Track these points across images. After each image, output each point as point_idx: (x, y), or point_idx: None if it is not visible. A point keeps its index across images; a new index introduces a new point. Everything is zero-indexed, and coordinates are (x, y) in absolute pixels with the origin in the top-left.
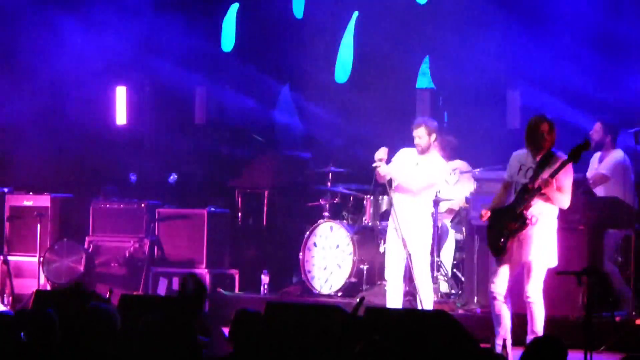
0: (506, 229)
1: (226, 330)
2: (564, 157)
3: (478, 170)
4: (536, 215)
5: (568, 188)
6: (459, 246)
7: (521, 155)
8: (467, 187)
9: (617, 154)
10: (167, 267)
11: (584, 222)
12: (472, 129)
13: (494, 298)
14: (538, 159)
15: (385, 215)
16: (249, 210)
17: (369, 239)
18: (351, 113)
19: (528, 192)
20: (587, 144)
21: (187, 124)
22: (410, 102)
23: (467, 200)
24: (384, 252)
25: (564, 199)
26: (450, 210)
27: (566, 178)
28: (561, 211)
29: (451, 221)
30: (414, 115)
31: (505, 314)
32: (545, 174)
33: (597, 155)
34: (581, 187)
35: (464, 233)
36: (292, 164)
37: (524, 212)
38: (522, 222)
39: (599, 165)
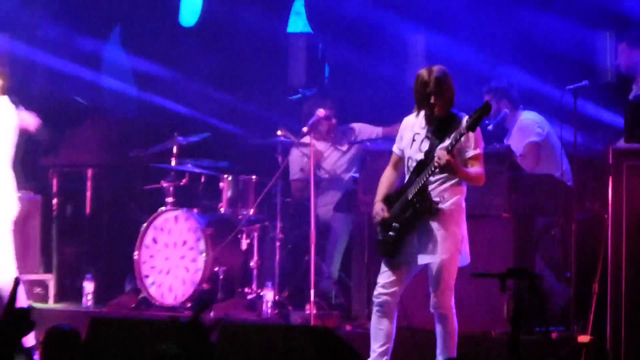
0: (397, 221)
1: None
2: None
3: (368, 142)
4: (436, 200)
5: (478, 160)
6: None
7: (414, 122)
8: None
9: (525, 117)
10: None
11: (508, 207)
12: (363, 86)
13: (379, 305)
14: (434, 125)
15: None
16: (67, 196)
17: (226, 233)
18: (202, 69)
19: (424, 170)
20: (486, 107)
21: None
22: (280, 51)
23: (354, 180)
24: (245, 250)
25: (474, 175)
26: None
27: (473, 147)
28: (475, 193)
29: (335, 207)
30: (285, 70)
31: (389, 328)
32: (445, 144)
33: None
34: (505, 161)
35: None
36: (124, 135)
37: (420, 197)
38: (418, 210)
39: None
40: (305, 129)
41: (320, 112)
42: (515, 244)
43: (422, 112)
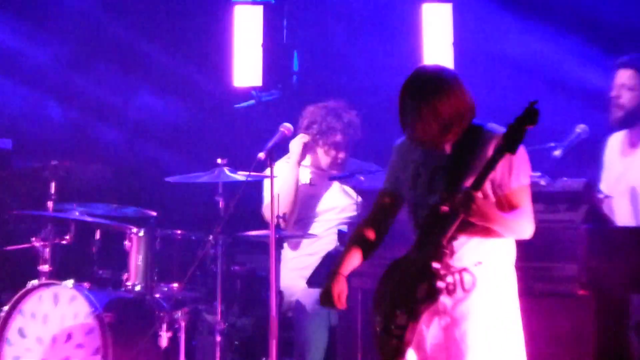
0: (406, 304)
1: None
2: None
3: (362, 176)
4: (471, 270)
5: (522, 196)
6: None
7: (412, 147)
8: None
9: None
10: None
11: (587, 279)
12: (352, 84)
13: None
14: (450, 147)
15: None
16: None
17: (137, 321)
18: (85, 44)
19: (442, 222)
20: (531, 113)
21: None
22: (220, 30)
23: (340, 235)
24: (166, 350)
25: (517, 222)
26: None
27: (514, 177)
28: (532, 256)
29: (309, 280)
30: (228, 60)
31: None
32: (470, 179)
33: (619, 136)
34: (581, 205)
35: None
36: None
37: (441, 263)
38: (436, 287)
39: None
40: (260, 155)
41: (286, 127)
42: (599, 336)
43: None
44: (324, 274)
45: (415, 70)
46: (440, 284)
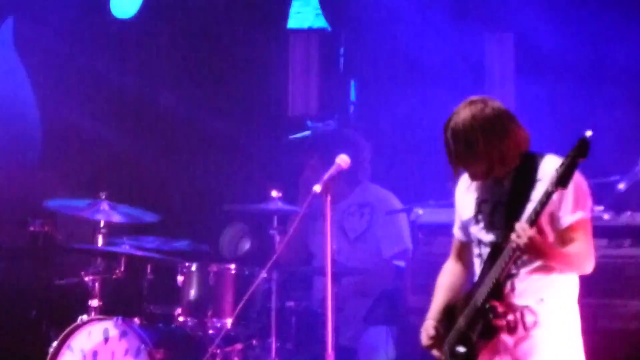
0: (464, 342)
1: None
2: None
3: (420, 209)
4: (533, 307)
5: (581, 230)
6: None
7: (474, 182)
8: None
9: None
10: None
11: None
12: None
13: None
14: (509, 182)
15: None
16: None
17: (189, 356)
18: (146, 84)
19: (502, 258)
20: (582, 146)
21: None
22: (274, 60)
23: (397, 271)
24: None
25: (577, 257)
26: None
27: (571, 209)
28: (595, 290)
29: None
30: (283, 90)
31: None
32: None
33: None
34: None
35: None
36: (19, 193)
37: (500, 300)
38: (493, 325)
39: None
40: (316, 188)
41: (343, 160)
42: None
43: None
44: (382, 310)
45: (463, 106)
46: (498, 322)
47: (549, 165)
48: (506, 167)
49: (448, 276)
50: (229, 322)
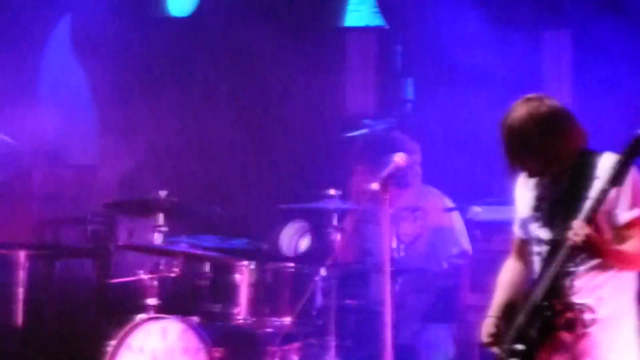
0: (523, 340)
1: None
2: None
3: (477, 207)
4: (592, 306)
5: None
6: None
7: (532, 180)
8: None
9: None
10: None
11: None
12: (462, 116)
13: None
14: (567, 179)
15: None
16: None
17: (247, 356)
18: (200, 84)
19: (561, 256)
20: (637, 144)
21: None
22: (331, 59)
23: (454, 269)
24: None
25: (635, 255)
26: None
27: (629, 205)
28: None
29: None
30: (340, 88)
31: None
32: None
33: None
34: None
35: None
36: (78, 193)
37: (555, 299)
38: (551, 323)
39: None
40: (374, 185)
41: (401, 157)
42: None
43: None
44: (441, 307)
45: (519, 104)
46: (556, 320)
47: (607, 163)
48: (562, 165)
49: (508, 274)
50: (287, 320)
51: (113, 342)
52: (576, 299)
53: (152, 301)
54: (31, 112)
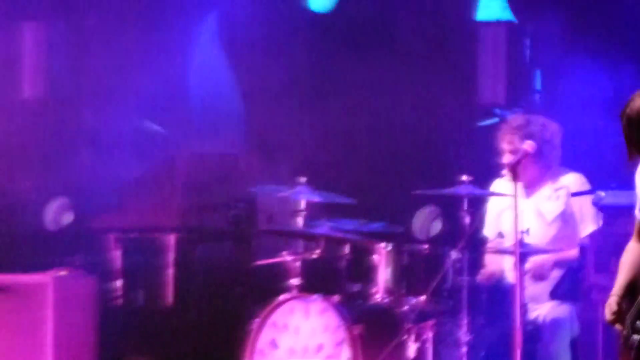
0: None
1: None
2: None
3: (601, 192)
4: None
5: None
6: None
7: None
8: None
9: None
10: None
11: None
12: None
13: None
14: None
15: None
16: (136, 277)
17: (385, 333)
18: (339, 77)
19: None
20: None
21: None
22: (463, 50)
23: (581, 250)
24: None
25: None
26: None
27: None
28: None
29: (551, 293)
30: (471, 79)
31: None
32: None
33: None
34: None
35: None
36: (225, 179)
37: None
38: None
39: None
40: (504, 172)
41: (529, 145)
42: None
43: None
44: (566, 287)
45: (639, 94)
46: None
47: None
48: None
49: (631, 255)
50: (422, 299)
51: (258, 320)
52: None
53: (294, 281)
54: (180, 105)
